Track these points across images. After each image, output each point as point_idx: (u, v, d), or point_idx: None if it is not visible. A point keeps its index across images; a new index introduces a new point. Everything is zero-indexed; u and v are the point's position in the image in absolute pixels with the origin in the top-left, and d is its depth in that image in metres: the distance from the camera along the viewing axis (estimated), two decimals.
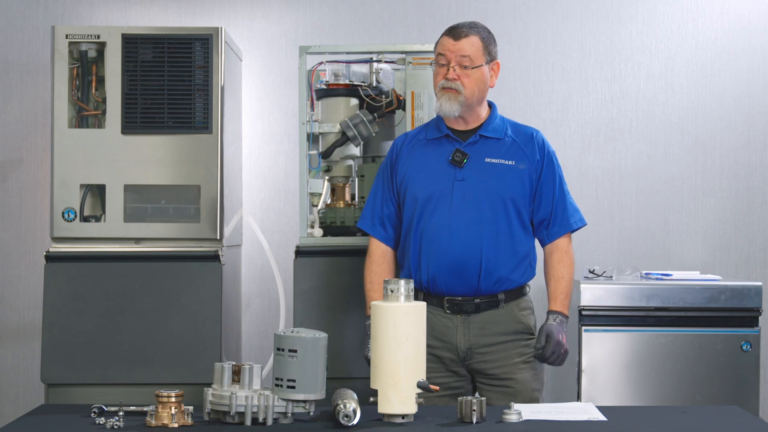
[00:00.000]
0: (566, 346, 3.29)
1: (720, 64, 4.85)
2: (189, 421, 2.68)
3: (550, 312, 3.33)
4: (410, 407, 2.72)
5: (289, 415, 2.69)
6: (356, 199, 3.91)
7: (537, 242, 3.42)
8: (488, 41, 3.33)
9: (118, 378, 3.91)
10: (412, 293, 2.77)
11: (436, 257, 3.27)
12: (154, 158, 4.02)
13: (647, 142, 4.85)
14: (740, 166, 4.84)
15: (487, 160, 3.31)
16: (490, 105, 3.40)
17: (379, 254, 3.42)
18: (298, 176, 4.11)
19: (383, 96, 3.87)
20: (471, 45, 3.29)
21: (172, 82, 4.01)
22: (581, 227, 3.41)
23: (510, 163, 3.31)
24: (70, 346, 3.93)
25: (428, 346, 3.27)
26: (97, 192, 4.09)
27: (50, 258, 3.98)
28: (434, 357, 3.31)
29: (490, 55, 3.33)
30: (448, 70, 3.27)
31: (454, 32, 3.31)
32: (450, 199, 3.27)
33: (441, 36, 3.34)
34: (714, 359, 4.13)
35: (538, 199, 3.34)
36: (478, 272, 3.26)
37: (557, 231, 3.35)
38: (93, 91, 4.08)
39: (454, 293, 3.30)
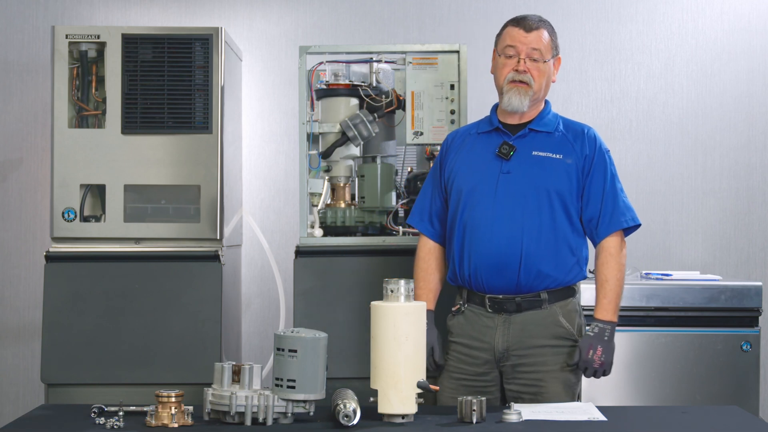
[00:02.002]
0: (600, 360, 3.17)
1: (720, 64, 4.85)
2: (189, 421, 2.68)
3: (592, 320, 3.23)
4: (410, 407, 2.72)
5: (289, 415, 2.69)
6: (356, 199, 3.91)
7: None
8: (554, 35, 3.31)
9: (118, 378, 3.91)
10: (412, 293, 2.77)
11: (478, 250, 3.22)
12: (154, 158, 4.02)
13: (647, 142, 4.85)
14: (740, 166, 4.84)
15: (535, 153, 3.25)
16: (545, 101, 3.37)
17: (426, 251, 3.39)
18: (298, 176, 4.12)
19: (383, 96, 3.87)
20: (541, 38, 3.26)
21: (172, 82, 4.01)
22: (634, 227, 3.28)
23: (557, 156, 3.25)
24: (70, 346, 3.93)
25: (464, 345, 3.27)
26: (97, 192, 4.09)
27: (50, 258, 3.98)
28: (468, 357, 3.28)
29: (556, 50, 3.31)
30: (518, 62, 3.24)
31: (525, 24, 3.26)
32: (494, 191, 3.22)
33: (506, 27, 3.30)
34: (714, 359, 4.13)
35: (587, 196, 3.25)
36: (518, 266, 3.19)
37: (605, 230, 3.24)
38: (93, 91, 4.08)
39: (495, 290, 3.23)
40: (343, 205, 3.88)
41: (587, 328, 3.24)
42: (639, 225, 3.29)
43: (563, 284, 3.25)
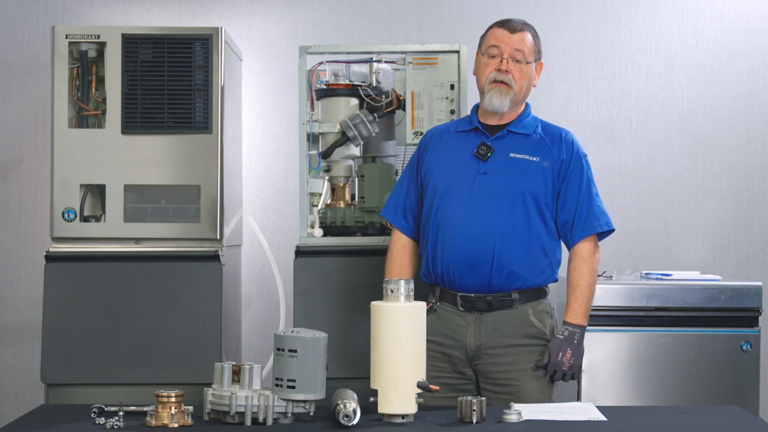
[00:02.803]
0: (569, 363, 3.19)
1: (720, 64, 4.85)
2: (189, 421, 2.68)
3: (563, 323, 3.26)
4: (410, 407, 2.72)
5: (289, 415, 2.69)
6: (356, 199, 3.91)
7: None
8: (537, 40, 3.33)
9: (118, 378, 3.91)
10: (412, 293, 2.77)
11: (451, 248, 3.22)
12: (154, 158, 4.02)
13: (647, 142, 4.85)
14: (740, 166, 4.84)
15: (512, 155, 3.26)
16: (525, 104, 3.37)
17: (400, 246, 3.40)
18: (298, 176, 4.12)
19: (383, 96, 3.87)
20: (524, 40, 3.28)
21: (172, 82, 4.01)
22: (607, 232, 3.30)
23: (534, 159, 3.25)
24: (70, 346, 3.93)
25: (438, 344, 3.27)
26: (97, 192, 4.09)
27: (50, 258, 3.98)
28: (443, 356, 3.28)
29: (539, 54, 3.33)
30: (501, 61, 3.25)
31: (509, 25, 3.29)
32: (470, 191, 3.23)
33: (490, 28, 3.33)
34: (714, 359, 4.13)
35: (562, 200, 3.27)
36: (490, 265, 3.20)
37: (578, 234, 3.26)
38: (93, 91, 4.08)
39: (467, 288, 3.24)
40: (343, 205, 3.88)
41: (559, 332, 3.25)
42: (613, 230, 3.31)
43: (535, 285, 3.27)
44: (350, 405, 2.64)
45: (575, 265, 3.27)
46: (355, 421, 2.63)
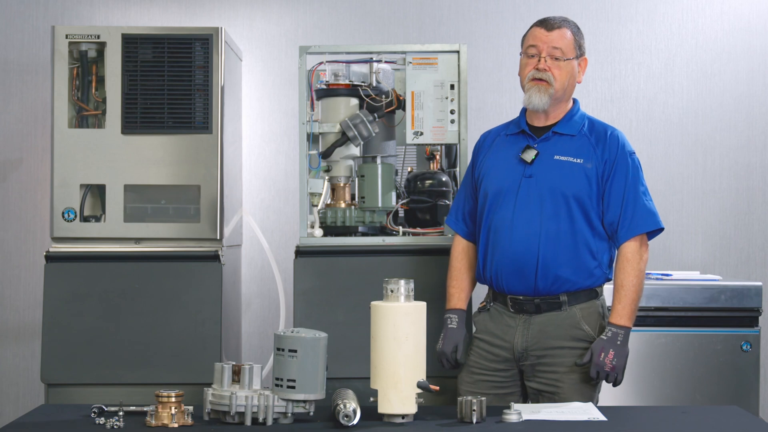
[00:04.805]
0: (612, 364, 3.16)
1: (720, 64, 4.85)
2: (189, 421, 2.68)
3: (607, 324, 3.24)
4: (410, 407, 2.72)
5: (289, 415, 2.69)
6: (356, 199, 3.91)
7: None
8: (578, 35, 3.32)
9: (118, 378, 3.91)
10: (412, 293, 2.77)
11: (499, 253, 3.24)
12: (154, 158, 4.02)
13: (647, 142, 4.85)
14: (740, 166, 4.84)
15: (557, 157, 3.25)
16: (574, 101, 3.36)
17: (459, 250, 3.42)
18: (298, 176, 4.12)
19: (383, 96, 3.87)
20: (563, 37, 3.27)
21: (172, 82, 4.01)
22: (655, 231, 3.26)
23: (578, 161, 3.24)
24: (70, 346, 3.93)
25: (486, 342, 3.30)
26: (97, 192, 4.09)
27: (50, 258, 3.98)
28: (489, 354, 3.29)
29: (580, 50, 3.32)
30: (539, 60, 3.26)
31: (546, 23, 3.29)
32: (516, 195, 3.24)
33: (530, 28, 3.33)
34: (714, 359, 4.13)
35: (607, 200, 3.24)
36: (535, 270, 3.20)
37: (624, 235, 3.22)
38: (93, 91, 4.08)
39: (515, 291, 3.25)
40: (343, 205, 3.88)
41: (603, 333, 3.22)
42: (662, 229, 3.26)
43: (584, 287, 3.26)
44: (350, 405, 2.64)
45: (620, 266, 3.24)
46: (355, 421, 2.63)
